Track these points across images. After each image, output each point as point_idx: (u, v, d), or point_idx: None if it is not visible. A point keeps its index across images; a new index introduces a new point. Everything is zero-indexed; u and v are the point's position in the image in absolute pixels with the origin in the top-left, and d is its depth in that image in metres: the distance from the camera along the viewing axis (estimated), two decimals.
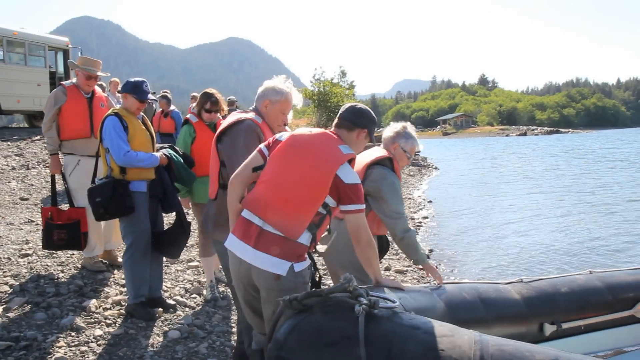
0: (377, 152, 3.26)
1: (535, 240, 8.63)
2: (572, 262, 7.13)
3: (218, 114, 4.32)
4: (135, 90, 3.84)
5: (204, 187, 4.10)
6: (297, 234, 2.29)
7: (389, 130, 3.34)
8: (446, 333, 2.01)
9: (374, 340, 1.94)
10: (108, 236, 4.86)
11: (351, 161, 2.40)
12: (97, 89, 4.85)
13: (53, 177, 4.88)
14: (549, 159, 28.36)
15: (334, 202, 2.35)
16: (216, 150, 2.95)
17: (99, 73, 4.67)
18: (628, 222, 9.91)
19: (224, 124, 2.97)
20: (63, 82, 4.77)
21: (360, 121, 2.53)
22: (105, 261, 4.88)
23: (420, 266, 3.21)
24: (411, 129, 3.35)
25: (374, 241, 2.47)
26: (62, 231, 4.35)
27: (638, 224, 9.67)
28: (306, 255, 2.35)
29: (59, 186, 5.36)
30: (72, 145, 4.62)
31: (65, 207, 4.78)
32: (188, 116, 4.38)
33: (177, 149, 4.12)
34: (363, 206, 2.36)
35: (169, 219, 5.35)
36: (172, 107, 9.41)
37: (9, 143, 11.79)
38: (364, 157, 3.20)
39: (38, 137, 12.90)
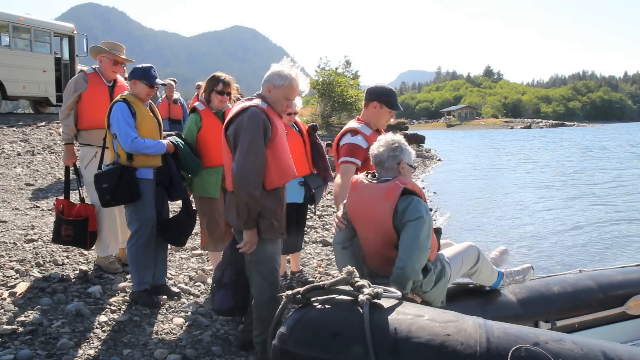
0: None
1: (534, 235, 8.71)
2: (565, 259, 7.18)
3: (228, 101, 4.11)
4: (144, 75, 3.82)
5: (208, 179, 4.05)
6: None
7: (383, 150, 2.88)
8: (451, 319, 2.03)
9: (380, 329, 1.94)
10: (125, 235, 4.43)
11: (352, 132, 3.46)
12: (120, 78, 4.60)
13: (67, 169, 4.56)
14: (552, 153, 28.28)
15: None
16: (226, 140, 2.93)
17: (124, 57, 4.48)
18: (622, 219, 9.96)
19: (230, 113, 2.95)
20: (84, 69, 4.51)
21: (368, 96, 3.53)
22: (121, 259, 4.63)
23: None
24: (401, 138, 2.93)
25: (345, 187, 3.14)
26: (70, 227, 4.17)
27: (630, 221, 9.74)
28: None
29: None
30: (90, 136, 4.37)
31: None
32: (195, 104, 4.14)
33: (183, 137, 4.08)
34: (346, 158, 3.40)
35: (174, 206, 5.36)
36: (177, 96, 9.41)
37: (14, 129, 11.81)
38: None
39: (43, 123, 12.91)
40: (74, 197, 4.57)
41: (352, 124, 3.59)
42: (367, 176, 2.96)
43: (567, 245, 8.07)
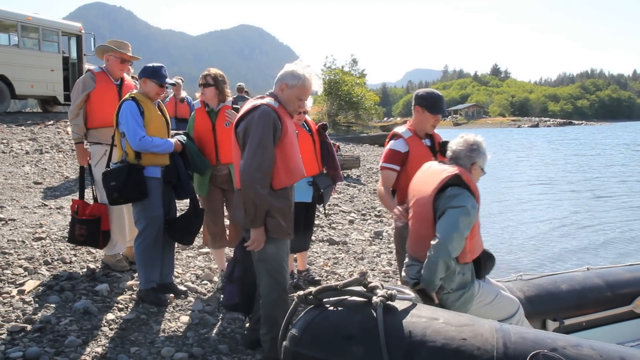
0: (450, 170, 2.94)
1: (541, 232, 8.68)
2: (572, 257, 7.14)
3: (224, 96, 4.13)
4: (154, 74, 3.83)
5: (202, 179, 4.13)
6: None
7: (462, 148, 2.97)
8: (467, 322, 1.99)
9: (394, 331, 1.91)
10: (133, 233, 4.40)
11: (395, 136, 3.60)
12: (126, 77, 4.61)
13: (82, 169, 4.58)
14: (559, 151, 28.11)
15: None
16: (235, 137, 2.92)
17: (131, 55, 4.48)
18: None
19: (241, 110, 2.95)
20: (92, 68, 4.51)
21: (414, 100, 3.64)
22: (128, 257, 4.63)
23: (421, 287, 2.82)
24: (481, 141, 3.02)
25: (386, 194, 3.50)
26: (83, 227, 4.18)
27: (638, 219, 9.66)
28: None
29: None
30: (100, 134, 4.37)
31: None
32: (194, 102, 4.32)
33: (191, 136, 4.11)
34: (384, 164, 3.56)
35: (181, 205, 5.37)
36: (184, 94, 9.43)
37: (22, 127, 11.87)
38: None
39: (51, 122, 12.98)
40: (88, 196, 4.59)
41: (398, 128, 3.70)
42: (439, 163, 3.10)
43: (575, 242, 8.02)
